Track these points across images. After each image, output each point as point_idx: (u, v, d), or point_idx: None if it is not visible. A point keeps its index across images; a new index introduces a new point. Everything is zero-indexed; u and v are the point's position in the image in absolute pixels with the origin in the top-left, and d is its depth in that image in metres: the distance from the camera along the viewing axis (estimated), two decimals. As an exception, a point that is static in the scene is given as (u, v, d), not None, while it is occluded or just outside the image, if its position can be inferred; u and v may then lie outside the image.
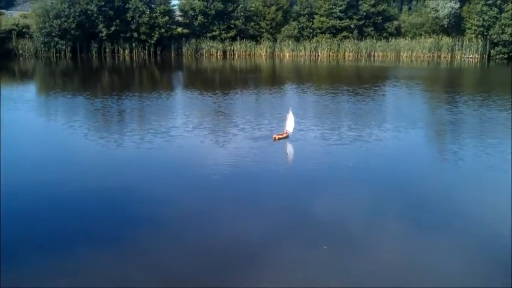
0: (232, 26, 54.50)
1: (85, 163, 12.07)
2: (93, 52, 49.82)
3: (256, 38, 56.18)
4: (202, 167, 11.67)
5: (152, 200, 9.59)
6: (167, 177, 11.15)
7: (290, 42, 55.69)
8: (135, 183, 10.59)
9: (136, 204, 9.46)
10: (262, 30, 56.02)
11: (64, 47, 48.26)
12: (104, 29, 49.02)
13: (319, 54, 56.16)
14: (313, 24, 56.95)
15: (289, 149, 13.76)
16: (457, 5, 55.55)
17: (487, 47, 54.41)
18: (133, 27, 50.13)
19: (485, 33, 53.79)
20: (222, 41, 54.66)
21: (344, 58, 54.55)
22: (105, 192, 10.07)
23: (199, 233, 8.13)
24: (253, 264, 7.16)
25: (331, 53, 56.05)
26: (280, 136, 14.39)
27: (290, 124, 14.46)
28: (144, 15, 49.89)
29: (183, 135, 14.97)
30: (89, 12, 48.37)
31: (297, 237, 8.05)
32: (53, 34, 47.10)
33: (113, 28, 49.23)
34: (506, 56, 53.28)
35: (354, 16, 56.19)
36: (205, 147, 13.72)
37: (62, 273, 6.84)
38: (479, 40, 54.59)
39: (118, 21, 49.42)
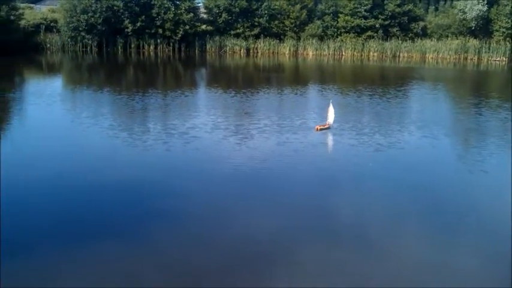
0: (256, 24, 54.56)
1: (109, 157, 12.35)
2: (119, 47, 50.44)
3: (279, 37, 56.11)
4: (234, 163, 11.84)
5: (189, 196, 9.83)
6: (210, 173, 11.33)
7: (314, 41, 55.45)
8: (162, 179, 10.82)
9: (160, 198, 9.67)
10: (286, 29, 55.91)
11: (90, 42, 48.97)
12: (129, 24, 49.60)
13: (343, 53, 55.82)
14: (337, 23, 56.58)
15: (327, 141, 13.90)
16: (485, 8, 54.59)
17: (516, 49, 53.39)
18: (158, 23, 50.59)
19: (514, 36, 52.79)
20: (246, 38, 54.78)
21: (368, 58, 54.12)
22: (136, 187, 10.33)
23: (225, 230, 8.30)
24: (273, 262, 7.28)
25: (355, 53, 55.66)
26: (322, 127, 15.61)
27: (331, 116, 15.67)
28: (169, 12, 50.30)
29: (229, 128, 15.18)
30: (115, 8, 48.97)
31: (315, 236, 8.15)
32: (80, 29, 47.84)
33: (138, 24, 49.76)
34: (534, 59, 52.25)
35: (380, 16, 55.62)
36: (233, 145, 13.89)
37: (73, 267, 7.05)
38: (508, 43, 53.57)
39: (143, 17, 49.93)
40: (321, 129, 15.55)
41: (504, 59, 53.57)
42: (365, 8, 55.02)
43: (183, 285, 6.67)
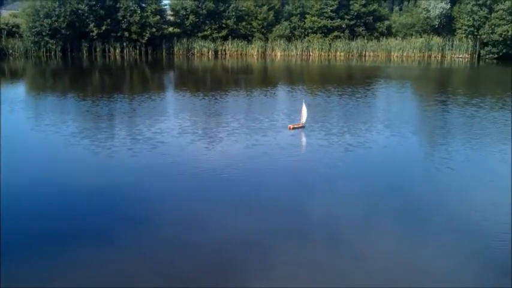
0: (224, 25, 54.44)
1: (71, 165, 12.02)
2: (84, 51, 49.49)
3: (247, 38, 56.16)
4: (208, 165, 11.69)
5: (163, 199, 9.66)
6: (183, 177, 11.13)
7: (282, 42, 55.72)
8: (134, 184, 10.60)
9: (135, 204, 9.51)
10: (254, 30, 56.00)
11: (54, 47, 47.87)
12: (94, 28, 48.73)
13: (311, 53, 56.27)
14: (304, 24, 57.03)
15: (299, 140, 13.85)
16: (448, 6, 55.91)
17: (477, 46, 54.85)
18: (124, 26, 49.87)
19: (476, 33, 54.20)
20: (214, 40, 54.58)
21: (335, 58, 54.69)
22: (109, 193, 10.10)
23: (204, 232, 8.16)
24: (253, 263, 7.18)
25: (322, 53, 56.18)
26: (295, 126, 16.03)
27: (304, 115, 16.12)
28: (135, 15, 49.65)
29: (198, 133, 14.97)
30: (79, 11, 48.05)
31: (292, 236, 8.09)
32: (43, 33, 46.71)
33: (103, 27, 48.94)
34: (495, 55, 53.72)
35: (345, 16, 56.32)
36: (200, 147, 13.72)
37: (55, 272, 6.87)
38: (470, 40, 55.00)
39: (109, 20, 49.13)
40: (293, 128, 15.90)
41: (467, 56, 54.98)
42: (331, 8, 55.62)
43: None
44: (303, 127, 16.14)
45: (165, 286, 6.65)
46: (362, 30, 56.86)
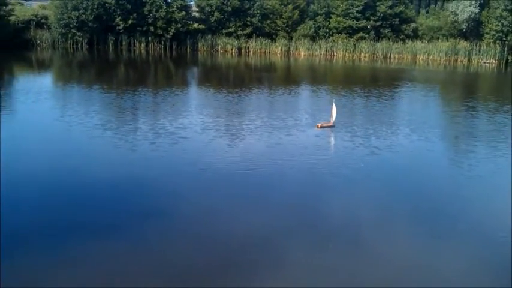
0: (248, 23, 54.44)
1: (96, 156, 12.14)
2: (110, 45, 50.05)
3: (271, 36, 56.04)
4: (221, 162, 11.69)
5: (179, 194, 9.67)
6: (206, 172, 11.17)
7: (306, 41, 55.45)
8: (153, 178, 10.65)
9: (153, 197, 9.55)
10: (278, 29, 55.87)
11: (81, 39, 48.50)
12: (121, 22, 49.24)
13: (335, 54, 55.87)
14: (329, 24, 56.62)
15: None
16: (477, 10, 54.92)
17: (505, 52, 53.69)
18: (150, 21, 50.29)
19: (504, 39, 53.08)
20: (238, 37, 54.61)
21: (360, 59, 54.20)
22: (125, 185, 10.15)
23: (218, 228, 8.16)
24: (265, 260, 7.15)
25: (346, 53, 55.73)
26: (324, 125, 16.14)
27: (334, 115, 16.16)
28: (161, 10, 50.02)
29: (225, 129, 15.01)
30: (106, 5, 48.58)
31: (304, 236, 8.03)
32: (71, 26, 47.37)
33: (130, 21, 49.43)
34: (524, 62, 52.66)
35: (371, 17, 55.75)
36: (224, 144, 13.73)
37: (60, 265, 6.91)
38: (497, 45, 53.90)
39: (135, 14, 49.61)
40: (322, 127, 16.04)
41: (494, 61, 53.91)
42: (357, 9, 55.11)
43: (174, 284, 6.55)
44: (333, 126, 16.22)
45: (174, 280, 6.67)
46: (388, 32, 56.23)
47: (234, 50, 54.31)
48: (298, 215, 9.12)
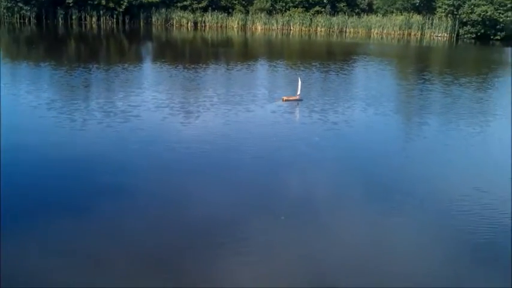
0: (204, -4, 53.43)
1: (49, 135, 11.71)
2: (59, 19, 48.06)
3: (228, 10, 55.26)
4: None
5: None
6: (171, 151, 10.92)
7: (262, 15, 55.01)
8: (112, 156, 10.38)
9: (107, 175, 9.32)
10: (235, 2, 55.11)
11: (29, 13, 46.37)
12: (70, -5, 47.31)
13: (291, 28, 55.74)
14: (286, -3, 56.36)
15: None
16: (429, -16, 55.88)
17: (456, 26, 55.09)
18: (101, -6, 48.52)
19: (455, 13, 54.40)
20: (193, 11, 53.54)
21: (316, 33, 54.33)
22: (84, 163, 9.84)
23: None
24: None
25: (303, 28, 55.70)
26: (288, 98, 16.46)
27: (299, 88, 16.48)
28: (112, -18, 48.29)
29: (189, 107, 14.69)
30: (54, -23, 46.50)
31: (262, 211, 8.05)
32: (17, -1, 45.17)
33: (80, -6, 47.56)
34: (474, 35, 54.17)
35: (327, -9, 55.84)
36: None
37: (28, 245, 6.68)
38: (449, 19, 55.19)
39: (85, -13, 47.72)
40: (286, 100, 16.33)
41: (445, 35, 55.25)
42: (313, -18, 54.96)
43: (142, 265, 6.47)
44: (300, 100, 16.42)
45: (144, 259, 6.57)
46: (343, 6, 56.50)
47: (189, 25, 53.27)
48: (255, 192, 9.12)
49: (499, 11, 52.13)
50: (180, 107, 15.15)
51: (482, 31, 53.62)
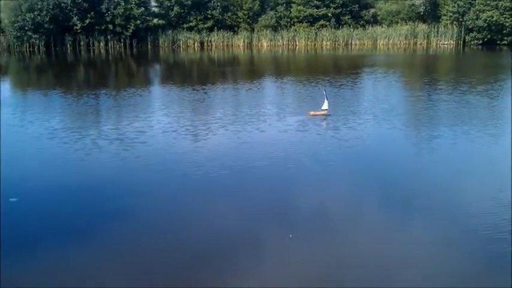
0: (209, 16, 53.99)
1: (59, 162, 11.84)
2: (68, 46, 48.85)
3: (233, 29, 55.79)
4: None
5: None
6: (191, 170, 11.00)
7: (268, 32, 55.43)
8: (118, 179, 10.46)
9: (121, 198, 9.40)
10: (240, 20, 55.65)
11: (38, 42, 47.19)
12: (78, 21, 48.08)
13: (297, 43, 56.07)
14: (290, 13, 56.76)
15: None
16: (433, -8, 56.04)
17: (462, 33, 55.04)
18: (108, 19, 49.26)
19: (460, 19, 54.41)
20: (199, 31, 54.12)
21: (322, 47, 54.57)
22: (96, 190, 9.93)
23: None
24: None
25: (309, 42, 55.99)
26: (316, 113, 16.66)
27: (325, 103, 16.56)
28: (119, 7, 49.01)
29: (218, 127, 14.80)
30: (62, 5, 47.35)
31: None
32: (26, 28, 45.95)
33: (87, 21, 48.31)
34: (480, 41, 54.04)
35: (331, 4, 56.12)
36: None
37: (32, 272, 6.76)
38: (455, 26, 55.20)
39: (92, 13, 48.49)
40: (313, 115, 16.60)
41: (452, 42, 55.21)
42: (317, -4, 55.38)
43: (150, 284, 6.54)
44: (328, 115, 16.59)
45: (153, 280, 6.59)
46: (348, 18, 56.74)
47: (196, 45, 53.83)
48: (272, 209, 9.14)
49: (504, 16, 51.97)
50: (190, 130, 15.20)
51: (489, 36, 53.47)
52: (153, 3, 54.67)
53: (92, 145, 13.32)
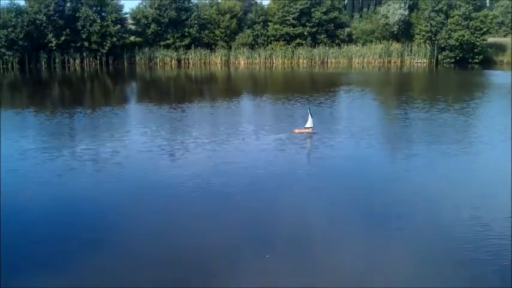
0: (187, 34, 53.97)
1: (36, 182, 11.54)
2: (43, 63, 48.12)
3: (210, 46, 55.88)
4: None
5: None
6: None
7: (245, 49, 55.70)
8: (96, 199, 10.21)
9: (107, 215, 9.16)
10: (217, 38, 55.80)
11: (11, 59, 46.36)
12: (53, 39, 47.49)
13: (274, 61, 56.43)
14: (267, 31, 57.21)
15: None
16: (406, 12, 57.21)
17: (435, 51, 56.25)
18: (84, 36, 48.78)
19: (433, 39, 55.63)
20: (177, 49, 54.01)
21: (298, 65, 55.03)
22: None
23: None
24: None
25: (285, 60, 56.41)
26: (300, 130, 16.93)
27: (309, 121, 16.79)
28: (95, 24, 48.63)
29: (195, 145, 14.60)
30: (37, 21, 46.76)
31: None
32: (-1, 45, 45.26)
33: (62, 38, 47.76)
34: (452, 60, 55.27)
35: (307, 23, 56.80)
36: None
37: None
38: (428, 45, 56.41)
39: (68, 30, 47.94)
40: (298, 132, 16.87)
41: (425, 60, 56.37)
42: (293, 16, 56.01)
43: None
44: (313, 132, 16.84)
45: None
46: (324, 37, 57.44)
47: (173, 62, 53.68)
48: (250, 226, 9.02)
49: (475, 35, 53.38)
50: (167, 149, 15.07)
51: (461, 55, 54.75)
52: (130, 21, 54.46)
53: (64, 166, 13.04)
